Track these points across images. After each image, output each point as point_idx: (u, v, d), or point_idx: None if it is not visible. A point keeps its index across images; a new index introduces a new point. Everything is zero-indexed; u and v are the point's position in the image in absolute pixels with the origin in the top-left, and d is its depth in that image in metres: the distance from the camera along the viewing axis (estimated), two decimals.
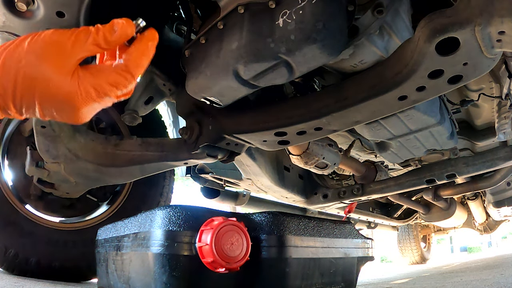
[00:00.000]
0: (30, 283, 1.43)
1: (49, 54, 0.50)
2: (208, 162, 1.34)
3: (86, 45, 0.53)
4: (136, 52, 0.58)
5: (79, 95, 0.52)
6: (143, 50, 0.59)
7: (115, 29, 0.55)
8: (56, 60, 0.50)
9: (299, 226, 1.19)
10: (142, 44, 0.59)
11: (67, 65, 0.51)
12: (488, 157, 1.69)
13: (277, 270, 1.12)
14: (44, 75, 0.50)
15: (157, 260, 0.98)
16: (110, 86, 0.55)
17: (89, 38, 0.53)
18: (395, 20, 0.93)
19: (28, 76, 0.49)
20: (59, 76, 0.51)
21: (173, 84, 1.27)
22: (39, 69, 0.50)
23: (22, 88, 0.49)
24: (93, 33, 0.54)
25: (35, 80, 0.50)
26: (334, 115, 0.99)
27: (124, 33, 0.56)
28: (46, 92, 0.50)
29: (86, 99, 0.53)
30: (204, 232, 1.01)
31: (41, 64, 0.50)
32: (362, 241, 1.48)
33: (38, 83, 0.50)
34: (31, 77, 0.49)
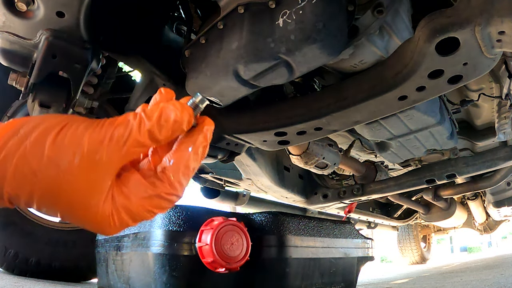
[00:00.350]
0: (30, 283, 1.43)
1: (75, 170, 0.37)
2: (208, 162, 1.34)
3: (125, 150, 0.39)
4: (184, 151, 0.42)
5: (112, 225, 0.40)
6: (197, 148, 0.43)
7: (167, 120, 0.40)
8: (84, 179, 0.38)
9: (299, 226, 1.19)
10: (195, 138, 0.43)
11: (99, 187, 0.39)
12: (488, 157, 1.69)
13: (277, 270, 1.12)
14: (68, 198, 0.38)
15: (157, 260, 0.98)
16: (150, 213, 0.41)
17: (129, 138, 0.38)
18: (395, 20, 0.93)
19: (47, 195, 0.38)
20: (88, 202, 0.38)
21: (173, 84, 1.27)
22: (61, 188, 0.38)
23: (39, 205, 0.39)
24: (134, 130, 0.39)
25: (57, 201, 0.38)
26: (334, 115, 0.99)
27: (180, 128, 0.41)
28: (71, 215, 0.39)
29: (118, 228, 0.41)
30: (204, 232, 1.01)
31: (64, 183, 0.37)
32: (362, 241, 1.48)
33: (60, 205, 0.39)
34: (51, 196, 0.38)
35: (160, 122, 0.39)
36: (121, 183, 0.41)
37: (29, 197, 0.38)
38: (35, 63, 0.96)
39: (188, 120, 0.41)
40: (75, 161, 0.37)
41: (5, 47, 0.96)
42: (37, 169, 0.37)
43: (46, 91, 1.06)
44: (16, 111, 1.63)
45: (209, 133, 0.44)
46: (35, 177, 0.37)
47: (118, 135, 0.38)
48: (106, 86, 1.44)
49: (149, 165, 0.44)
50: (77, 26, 0.91)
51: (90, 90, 1.31)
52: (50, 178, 0.37)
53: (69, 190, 0.38)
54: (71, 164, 0.37)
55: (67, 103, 1.11)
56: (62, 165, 0.37)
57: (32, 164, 0.37)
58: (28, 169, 0.37)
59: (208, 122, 0.45)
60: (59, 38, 0.92)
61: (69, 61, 0.97)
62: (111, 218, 0.40)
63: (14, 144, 0.37)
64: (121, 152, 0.39)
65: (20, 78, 1.07)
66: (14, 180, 0.37)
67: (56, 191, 0.38)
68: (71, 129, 0.38)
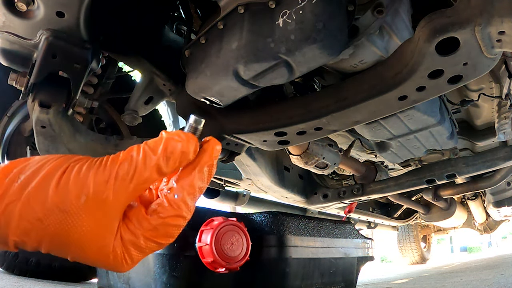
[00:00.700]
0: (30, 283, 1.43)
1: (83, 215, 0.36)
2: None
3: (132, 187, 0.38)
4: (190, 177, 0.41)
5: (125, 263, 0.40)
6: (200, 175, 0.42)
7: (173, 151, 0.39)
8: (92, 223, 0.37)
9: (299, 226, 1.19)
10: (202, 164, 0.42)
11: (108, 228, 0.38)
12: (488, 157, 1.69)
13: (277, 270, 1.12)
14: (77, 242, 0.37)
15: (157, 260, 0.98)
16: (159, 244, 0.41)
17: (135, 175, 0.37)
18: (395, 20, 0.93)
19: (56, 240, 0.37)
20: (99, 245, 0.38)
21: (173, 84, 1.27)
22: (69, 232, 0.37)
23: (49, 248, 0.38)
24: (139, 166, 0.38)
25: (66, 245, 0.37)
26: (334, 115, 0.98)
27: (187, 158, 0.40)
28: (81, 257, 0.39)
29: (132, 265, 0.41)
30: (204, 232, 1.01)
31: (72, 227, 0.36)
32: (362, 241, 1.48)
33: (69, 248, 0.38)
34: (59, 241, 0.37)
35: (166, 155, 0.39)
36: (126, 219, 0.40)
37: (37, 243, 0.37)
38: (35, 63, 0.96)
39: (194, 149, 0.41)
40: (81, 204, 0.36)
41: (5, 47, 0.96)
42: (43, 216, 0.36)
43: (46, 91, 1.06)
44: (16, 111, 1.63)
45: (215, 152, 0.43)
46: (42, 224, 0.36)
47: (123, 173, 0.37)
48: (106, 86, 1.44)
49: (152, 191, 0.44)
50: (77, 26, 0.91)
51: (90, 90, 1.31)
52: (58, 224, 0.36)
53: (78, 234, 0.37)
54: (77, 208, 0.36)
55: (67, 103, 1.11)
56: (69, 209, 0.36)
57: (37, 211, 0.36)
58: (33, 216, 0.36)
59: (213, 142, 0.44)
60: (59, 38, 0.92)
61: (69, 61, 0.97)
62: (123, 257, 0.39)
63: (16, 192, 0.36)
64: (128, 190, 0.38)
65: (20, 78, 1.07)
66: (19, 228, 0.36)
67: (65, 236, 0.37)
68: (73, 171, 0.37)
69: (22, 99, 1.12)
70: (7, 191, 0.36)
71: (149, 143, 0.39)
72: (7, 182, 0.37)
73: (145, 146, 0.39)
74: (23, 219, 0.36)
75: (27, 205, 0.36)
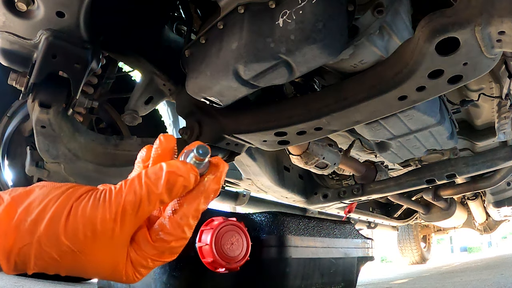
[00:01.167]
0: (30, 283, 1.43)
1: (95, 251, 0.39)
2: None
3: (139, 220, 0.40)
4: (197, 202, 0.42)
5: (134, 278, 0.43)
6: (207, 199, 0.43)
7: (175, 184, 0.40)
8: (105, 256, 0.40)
9: (299, 226, 1.19)
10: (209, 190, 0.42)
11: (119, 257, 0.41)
12: (488, 157, 1.69)
13: (277, 270, 1.12)
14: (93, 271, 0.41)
15: None
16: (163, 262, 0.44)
17: (140, 209, 0.39)
18: (395, 20, 0.93)
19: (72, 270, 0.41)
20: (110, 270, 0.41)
21: (173, 84, 1.27)
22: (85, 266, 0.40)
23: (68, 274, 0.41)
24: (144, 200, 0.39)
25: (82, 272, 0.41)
26: (334, 115, 0.98)
27: (187, 189, 0.41)
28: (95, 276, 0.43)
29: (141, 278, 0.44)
30: (204, 232, 1.01)
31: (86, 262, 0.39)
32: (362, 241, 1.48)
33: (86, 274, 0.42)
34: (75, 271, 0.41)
35: (168, 188, 0.39)
36: (134, 243, 0.42)
37: (55, 273, 0.41)
38: (35, 63, 0.96)
39: (195, 180, 0.41)
40: (92, 242, 0.39)
41: (5, 47, 0.96)
42: (58, 256, 0.39)
43: (46, 91, 1.06)
44: (16, 111, 1.63)
45: (223, 176, 0.44)
46: (58, 262, 0.39)
47: (129, 209, 0.39)
48: (106, 86, 1.44)
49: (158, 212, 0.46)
50: (77, 26, 0.91)
51: (90, 90, 1.31)
52: (73, 261, 0.39)
53: (92, 266, 0.40)
54: (90, 248, 0.39)
55: (67, 103, 1.11)
56: (81, 249, 0.39)
57: (51, 254, 0.39)
58: (49, 257, 0.39)
59: (223, 166, 0.44)
60: (59, 38, 0.92)
61: (69, 61, 0.97)
62: (134, 275, 0.43)
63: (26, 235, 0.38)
64: (134, 222, 0.40)
65: (20, 78, 1.07)
66: (37, 266, 0.39)
67: (81, 268, 0.40)
68: (79, 212, 0.39)
69: (22, 99, 1.12)
70: (17, 235, 0.38)
71: (150, 175, 0.40)
72: (14, 224, 0.39)
73: (147, 180, 0.40)
74: (39, 259, 0.39)
75: (40, 250, 0.38)
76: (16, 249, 0.38)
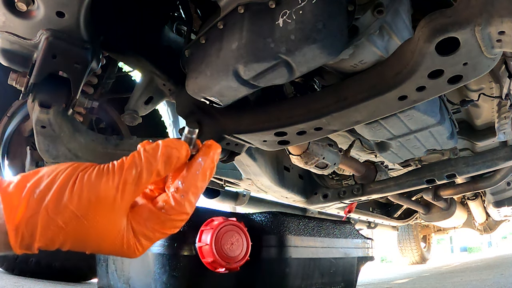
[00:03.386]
0: (30, 283, 1.43)
1: (97, 217, 0.42)
2: None
3: (137, 190, 0.44)
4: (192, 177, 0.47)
5: (135, 249, 0.46)
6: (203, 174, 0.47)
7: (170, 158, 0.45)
8: (106, 223, 0.43)
9: (299, 226, 1.19)
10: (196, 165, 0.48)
11: (120, 224, 0.44)
12: (488, 157, 1.69)
13: (277, 270, 1.12)
14: (96, 238, 0.44)
15: (157, 260, 0.98)
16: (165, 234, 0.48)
17: (139, 180, 0.44)
18: (395, 20, 0.93)
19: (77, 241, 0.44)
20: (111, 237, 0.44)
21: (173, 84, 1.27)
22: (88, 233, 0.43)
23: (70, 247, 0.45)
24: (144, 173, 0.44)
25: (86, 243, 0.44)
26: (334, 115, 0.98)
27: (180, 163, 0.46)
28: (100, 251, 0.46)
29: (142, 251, 0.48)
30: (204, 232, 1.01)
31: (89, 228, 0.43)
32: (362, 241, 1.48)
33: (90, 245, 0.45)
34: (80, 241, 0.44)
35: (165, 160, 0.45)
36: (136, 215, 0.47)
37: (59, 245, 0.44)
38: (35, 63, 0.96)
39: (186, 155, 0.47)
40: (95, 209, 0.42)
41: (5, 47, 0.96)
42: (63, 223, 0.42)
43: (46, 91, 1.06)
44: (16, 111, 1.63)
45: (216, 156, 0.49)
46: (63, 230, 0.42)
47: (130, 180, 0.44)
48: (106, 86, 1.44)
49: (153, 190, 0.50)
50: (77, 26, 0.91)
51: (90, 90, 1.31)
52: (77, 228, 0.42)
53: (95, 233, 0.43)
54: (93, 213, 0.42)
55: (67, 103, 1.11)
56: (85, 214, 0.42)
57: (57, 221, 0.41)
58: (55, 226, 0.42)
59: (215, 146, 0.49)
60: (59, 38, 0.92)
61: (69, 61, 0.97)
62: (135, 246, 0.46)
63: (34, 206, 0.41)
64: (133, 192, 0.44)
65: (20, 78, 1.07)
66: (43, 236, 0.42)
67: (84, 235, 0.43)
68: (84, 180, 0.43)
69: (22, 99, 1.12)
70: (26, 206, 0.41)
71: (148, 150, 0.45)
72: (24, 197, 0.41)
73: (145, 153, 0.45)
74: (45, 228, 0.41)
75: (47, 217, 0.41)
76: (25, 219, 0.41)
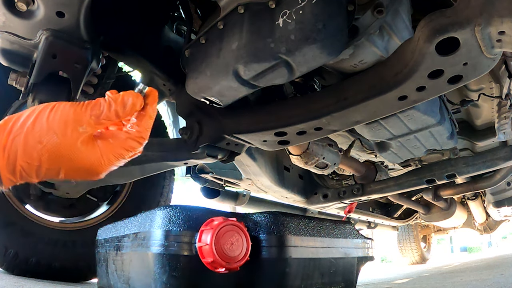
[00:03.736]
0: (30, 283, 1.43)
1: (68, 133, 0.53)
2: (208, 162, 1.34)
3: (99, 121, 0.56)
4: (145, 118, 0.61)
5: (102, 164, 0.57)
6: (150, 115, 0.62)
7: (126, 104, 0.57)
8: (76, 138, 0.54)
9: (299, 226, 1.19)
10: (148, 110, 0.62)
11: (87, 141, 0.55)
12: (488, 157, 1.69)
13: (277, 270, 1.12)
14: (68, 153, 0.53)
15: (157, 260, 0.98)
16: (127, 151, 0.59)
17: (101, 115, 0.55)
18: (395, 20, 0.93)
19: (52, 156, 0.52)
20: (82, 152, 0.54)
21: (173, 84, 1.27)
22: (61, 148, 0.52)
23: (47, 166, 0.53)
24: (105, 110, 0.56)
25: (60, 158, 0.53)
26: (334, 115, 0.99)
27: (134, 108, 0.59)
28: (71, 167, 0.55)
29: (107, 165, 0.58)
30: (204, 232, 1.01)
31: (62, 143, 0.52)
32: (362, 241, 1.48)
33: (62, 161, 0.53)
34: (55, 156, 0.52)
35: (123, 103, 0.57)
36: (104, 136, 0.59)
37: (38, 162, 0.52)
38: (35, 63, 0.96)
39: (140, 103, 0.60)
40: (67, 130, 0.53)
41: (5, 47, 0.96)
42: (41, 138, 0.51)
43: (46, 91, 1.06)
44: (16, 111, 1.63)
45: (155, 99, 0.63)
46: (41, 144, 0.52)
47: (95, 113, 0.55)
48: (106, 86, 1.44)
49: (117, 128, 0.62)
50: (77, 26, 0.91)
51: (90, 90, 1.31)
52: (52, 143, 0.52)
53: (66, 149, 0.53)
54: (64, 132, 0.53)
55: None
56: (58, 131, 0.52)
57: (36, 136, 0.51)
58: (34, 140, 0.51)
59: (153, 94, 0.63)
60: (59, 38, 0.92)
61: (69, 61, 0.97)
62: (101, 159, 0.57)
63: (18, 129, 0.52)
64: (96, 124, 0.56)
65: (20, 78, 1.07)
66: (25, 152, 0.51)
67: (58, 151, 0.53)
68: (60, 107, 0.54)
69: (22, 99, 1.12)
70: (11, 131, 0.51)
71: (111, 96, 0.58)
72: (11, 126, 0.52)
73: (109, 98, 0.57)
74: (27, 144, 0.51)
75: (29, 134, 0.51)
76: (10, 140, 0.50)
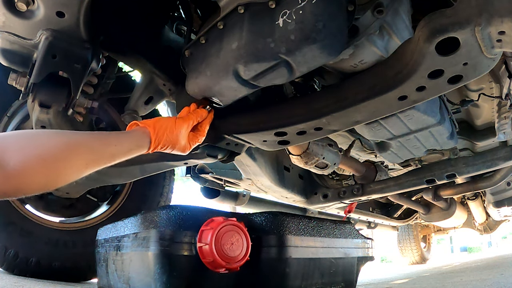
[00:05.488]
0: (30, 283, 1.43)
1: (183, 135, 0.98)
2: (208, 162, 1.34)
3: (190, 126, 1.01)
4: (206, 123, 1.07)
5: (189, 148, 1.02)
6: (208, 122, 1.07)
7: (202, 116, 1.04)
8: (185, 136, 0.99)
9: (299, 226, 1.19)
10: (208, 120, 1.07)
11: (185, 135, 1.00)
12: (488, 157, 1.69)
13: (277, 270, 1.12)
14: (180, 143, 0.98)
15: (157, 260, 0.98)
16: (198, 142, 1.05)
17: (193, 123, 1.01)
18: (395, 20, 0.93)
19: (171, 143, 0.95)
20: (183, 141, 0.99)
21: (173, 84, 1.27)
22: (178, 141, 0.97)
23: (169, 147, 0.95)
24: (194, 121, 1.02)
25: (176, 144, 0.97)
26: (334, 115, 0.99)
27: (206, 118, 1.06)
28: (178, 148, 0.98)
29: (190, 149, 1.03)
30: (204, 232, 1.01)
31: (179, 138, 0.97)
32: (362, 241, 1.48)
33: (177, 146, 0.97)
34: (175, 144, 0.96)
35: (197, 117, 1.03)
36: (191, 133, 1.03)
37: (163, 145, 0.93)
38: (35, 63, 0.96)
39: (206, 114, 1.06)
40: (182, 133, 0.98)
41: (5, 47, 0.96)
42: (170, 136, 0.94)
43: (46, 91, 1.06)
44: (16, 111, 1.63)
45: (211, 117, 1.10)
46: (169, 138, 0.94)
47: (191, 122, 1.00)
48: (106, 86, 1.44)
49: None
50: (77, 26, 0.91)
51: (90, 90, 1.31)
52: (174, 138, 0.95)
53: (177, 140, 0.96)
54: (181, 134, 0.97)
55: (67, 103, 1.11)
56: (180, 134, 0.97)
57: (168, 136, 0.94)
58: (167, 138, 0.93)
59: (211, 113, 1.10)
60: (59, 38, 0.92)
61: (69, 61, 0.97)
62: (189, 146, 1.01)
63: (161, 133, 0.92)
64: (189, 127, 1.00)
65: (20, 78, 1.07)
66: (162, 142, 0.92)
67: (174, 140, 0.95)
68: (178, 121, 0.97)
69: (22, 99, 1.12)
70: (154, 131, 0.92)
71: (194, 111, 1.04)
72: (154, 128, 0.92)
73: (194, 112, 1.03)
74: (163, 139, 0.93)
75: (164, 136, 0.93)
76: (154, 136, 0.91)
